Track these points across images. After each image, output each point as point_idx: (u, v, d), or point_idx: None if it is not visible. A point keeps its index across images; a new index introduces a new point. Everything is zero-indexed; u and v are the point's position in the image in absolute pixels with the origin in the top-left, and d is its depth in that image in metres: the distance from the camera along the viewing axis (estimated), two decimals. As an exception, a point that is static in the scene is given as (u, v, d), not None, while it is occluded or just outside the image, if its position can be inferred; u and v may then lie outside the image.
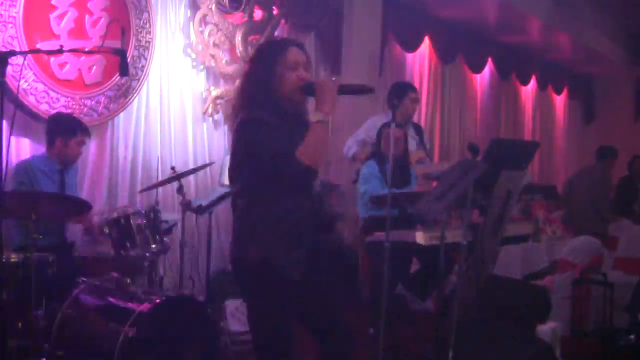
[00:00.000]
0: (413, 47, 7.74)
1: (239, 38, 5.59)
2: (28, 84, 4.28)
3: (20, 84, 4.15)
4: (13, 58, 2.65)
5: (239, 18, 5.65)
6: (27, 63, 4.22)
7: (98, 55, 4.58)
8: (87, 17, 4.56)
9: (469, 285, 3.48)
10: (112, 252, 3.83)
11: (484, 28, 8.50)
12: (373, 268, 4.46)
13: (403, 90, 5.24)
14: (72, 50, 4.23)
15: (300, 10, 6.18)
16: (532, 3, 8.03)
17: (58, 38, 4.39)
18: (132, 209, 3.94)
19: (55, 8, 4.40)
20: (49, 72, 4.39)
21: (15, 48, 4.14)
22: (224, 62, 5.53)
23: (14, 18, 4.17)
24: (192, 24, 5.36)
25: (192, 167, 5.03)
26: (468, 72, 8.97)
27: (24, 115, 4.31)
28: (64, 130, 4.01)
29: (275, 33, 5.88)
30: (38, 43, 4.28)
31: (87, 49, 4.49)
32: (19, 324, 3.25)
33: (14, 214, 3.35)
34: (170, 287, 4.65)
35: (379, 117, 5.34)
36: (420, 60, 8.16)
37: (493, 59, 9.20)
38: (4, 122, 2.56)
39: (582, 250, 4.90)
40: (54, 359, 3.34)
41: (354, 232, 5.55)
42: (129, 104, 4.91)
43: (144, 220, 3.81)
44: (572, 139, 11.91)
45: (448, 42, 8.25)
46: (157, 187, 4.38)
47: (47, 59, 4.36)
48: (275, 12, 5.92)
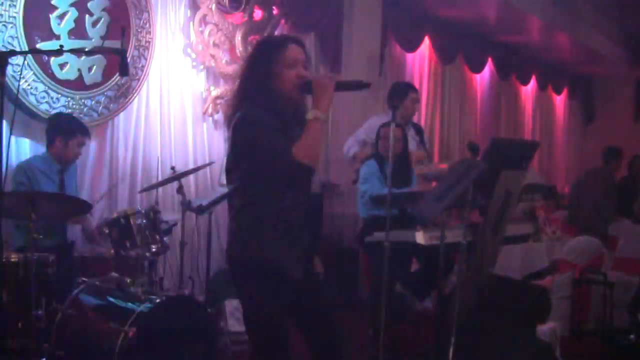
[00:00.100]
0: (413, 47, 7.75)
1: (239, 38, 5.60)
2: (28, 84, 4.28)
3: (20, 84, 4.16)
4: (13, 58, 2.64)
5: (239, 18, 5.66)
6: (27, 63, 4.22)
7: (98, 55, 4.58)
8: (87, 17, 4.56)
9: (469, 285, 3.48)
10: (112, 252, 3.84)
11: (484, 28, 8.51)
12: (373, 268, 4.46)
13: (403, 91, 5.23)
14: (72, 50, 4.23)
15: (300, 10, 6.18)
16: (532, 3, 8.03)
17: (58, 38, 4.39)
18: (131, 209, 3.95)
19: (56, 8, 4.40)
20: (49, 72, 4.39)
21: (15, 48, 4.14)
22: (224, 62, 5.54)
23: (14, 18, 4.17)
24: (192, 24, 5.36)
25: (192, 167, 5.03)
26: (468, 72, 8.97)
27: (24, 115, 4.30)
28: (64, 131, 4.00)
29: (276, 33, 5.88)
30: (38, 43, 4.29)
31: (87, 49, 4.50)
32: (19, 324, 3.24)
33: (14, 215, 3.35)
34: (170, 287, 4.65)
35: (379, 117, 5.33)
36: (420, 60, 8.16)
37: (493, 59, 9.21)
38: (4, 122, 2.56)
39: (582, 250, 4.91)
40: (54, 359, 3.34)
41: (354, 232, 5.55)
42: (129, 104, 4.91)
43: (144, 221, 3.81)
44: (572, 139, 11.92)
45: (448, 42, 8.26)
46: (157, 187, 4.38)
47: (47, 59, 4.36)
48: (275, 12, 5.93)
